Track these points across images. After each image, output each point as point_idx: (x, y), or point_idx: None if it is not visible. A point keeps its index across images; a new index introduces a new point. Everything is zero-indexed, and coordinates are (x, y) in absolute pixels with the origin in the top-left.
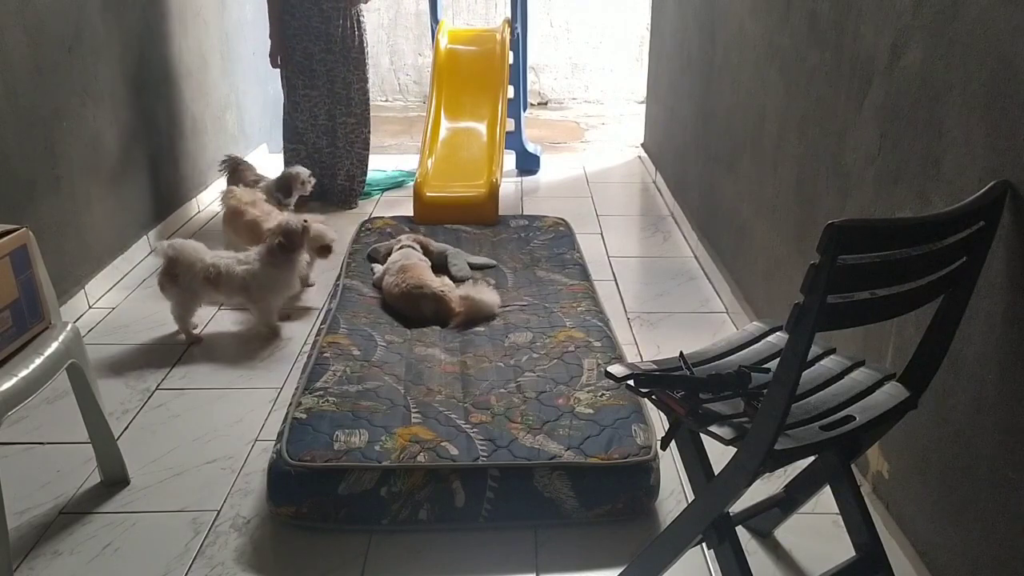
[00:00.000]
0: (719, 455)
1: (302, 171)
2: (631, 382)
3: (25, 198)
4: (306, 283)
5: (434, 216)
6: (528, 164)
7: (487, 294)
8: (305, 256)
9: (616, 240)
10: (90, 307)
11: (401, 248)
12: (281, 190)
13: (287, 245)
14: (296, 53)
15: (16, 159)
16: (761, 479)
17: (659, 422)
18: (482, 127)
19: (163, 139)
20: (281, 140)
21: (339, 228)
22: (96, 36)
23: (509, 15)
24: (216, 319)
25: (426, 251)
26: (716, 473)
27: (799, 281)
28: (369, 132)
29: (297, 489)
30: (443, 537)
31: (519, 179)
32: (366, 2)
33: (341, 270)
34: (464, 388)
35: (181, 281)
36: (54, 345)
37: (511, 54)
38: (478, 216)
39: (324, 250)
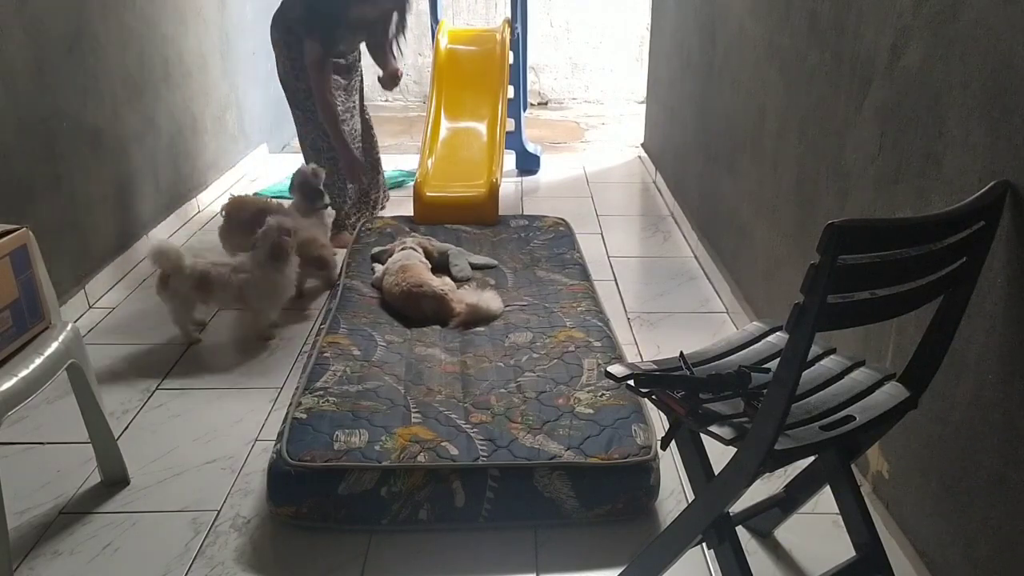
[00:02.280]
0: (719, 455)
1: (306, 167)
2: (631, 382)
3: (25, 198)
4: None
5: (434, 216)
6: (528, 164)
7: (492, 300)
8: (296, 258)
9: (616, 240)
10: (90, 307)
11: (403, 249)
12: (307, 198)
13: (279, 252)
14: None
15: (16, 159)
16: (761, 479)
17: (659, 422)
18: (482, 127)
19: (163, 139)
20: (281, 140)
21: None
22: (96, 36)
23: (509, 15)
24: (216, 319)
25: (427, 254)
26: (716, 473)
27: (799, 281)
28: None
29: (297, 489)
30: (443, 537)
31: (519, 179)
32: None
33: (341, 270)
34: (464, 388)
35: (171, 286)
36: (54, 345)
37: (511, 54)
38: (478, 216)
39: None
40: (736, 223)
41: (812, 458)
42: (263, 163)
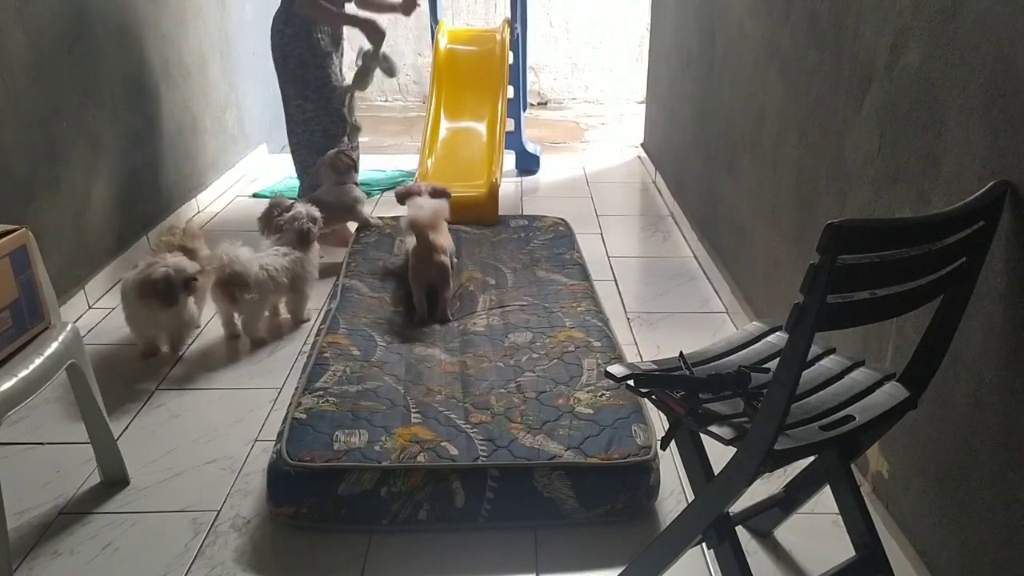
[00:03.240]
0: (719, 455)
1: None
2: (631, 382)
3: (25, 198)
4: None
5: None
6: (528, 164)
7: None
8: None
9: (616, 240)
10: (90, 307)
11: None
12: (336, 172)
13: (304, 237)
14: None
15: (16, 159)
16: (761, 479)
17: (659, 422)
18: (482, 127)
19: (163, 139)
20: (281, 141)
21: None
22: (96, 36)
23: (509, 15)
24: (215, 319)
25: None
26: (716, 473)
27: (799, 281)
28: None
29: (297, 489)
30: (443, 537)
31: (519, 179)
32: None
33: (341, 270)
34: (464, 388)
35: (255, 291)
36: (54, 345)
37: (511, 54)
38: (478, 216)
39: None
40: (736, 223)
41: (812, 458)
42: (263, 163)
